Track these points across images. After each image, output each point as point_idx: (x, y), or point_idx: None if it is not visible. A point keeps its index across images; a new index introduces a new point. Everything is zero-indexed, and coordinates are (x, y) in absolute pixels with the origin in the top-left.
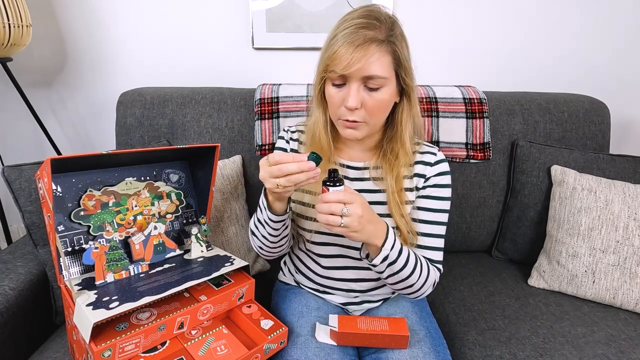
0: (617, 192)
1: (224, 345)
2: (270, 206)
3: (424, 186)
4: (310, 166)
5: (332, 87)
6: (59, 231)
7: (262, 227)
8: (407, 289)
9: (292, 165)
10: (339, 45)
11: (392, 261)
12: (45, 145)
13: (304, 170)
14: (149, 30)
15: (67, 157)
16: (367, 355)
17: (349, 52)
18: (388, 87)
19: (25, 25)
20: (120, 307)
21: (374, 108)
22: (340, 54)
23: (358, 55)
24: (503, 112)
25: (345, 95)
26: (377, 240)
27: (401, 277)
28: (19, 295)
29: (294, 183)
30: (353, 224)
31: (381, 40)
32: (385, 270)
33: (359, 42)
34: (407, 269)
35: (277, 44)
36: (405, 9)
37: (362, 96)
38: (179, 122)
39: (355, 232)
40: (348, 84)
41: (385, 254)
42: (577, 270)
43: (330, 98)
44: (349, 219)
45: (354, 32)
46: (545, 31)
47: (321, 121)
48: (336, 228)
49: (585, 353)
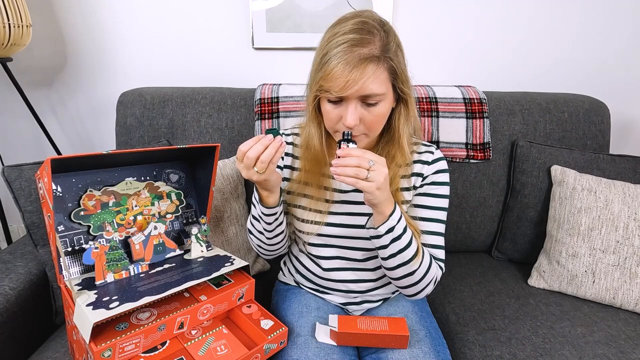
0: (617, 192)
1: (224, 345)
2: (262, 199)
3: (421, 184)
4: (269, 138)
5: (328, 104)
6: (59, 231)
7: (257, 223)
8: (408, 277)
9: (257, 145)
10: (333, 65)
11: (396, 236)
12: (45, 145)
13: (266, 145)
14: (149, 31)
15: (67, 157)
16: (367, 355)
17: (345, 74)
18: (386, 100)
19: (25, 25)
20: (120, 307)
21: (372, 122)
22: (336, 75)
23: (355, 76)
24: (503, 112)
25: (343, 112)
26: (388, 207)
27: (403, 260)
28: (19, 295)
29: (268, 160)
30: (380, 178)
31: (377, 57)
32: (389, 245)
33: (355, 63)
34: (410, 250)
35: (277, 44)
36: (405, 9)
37: (361, 112)
38: (179, 122)
39: (378, 190)
40: (345, 102)
41: (392, 224)
42: (577, 270)
43: (327, 114)
44: (375, 174)
45: (347, 50)
46: (545, 31)
47: (316, 136)
48: (361, 182)
49: (585, 353)
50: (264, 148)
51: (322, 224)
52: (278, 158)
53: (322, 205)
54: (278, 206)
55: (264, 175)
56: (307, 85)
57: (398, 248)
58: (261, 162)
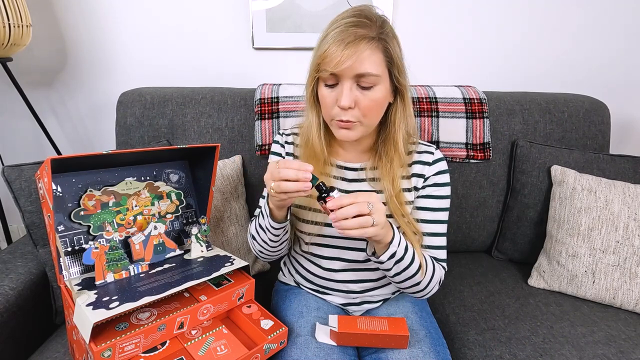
0: (617, 192)
1: (224, 345)
2: (271, 213)
3: (423, 186)
4: (306, 176)
5: (324, 88)
6: (59, 231)
7: (263, 233)
8: (414, 287)
9: (291, 171)
10: (330, 43)
11: (399, 258)
12: (45, 145)
13: (300, 179)
14: (149, 30)
15: (67, 157)
16: (367, 355)
17: (340, 49)
18: (381, 85)
19: (25, 25)
20: (120, 307)
21: (367, 107)
22: (331, 52)
23: (349, 52)
24: (503, 112)
25: (338, 95)
26: (388, 236)
27: (408, 275)
28: (19, 295)
29: (284, 190)
30: (382, 219)
31: (372, 37)
32: (393, 267)
33: (350, 40)
34: (414, 266)
35: (277, 44)
36: (405, 9)
37: (356, 95)
38: (179, 122)
39: (382, 229)
40: (340, 83)
41: (393, 250)
42: (577, 271)
43: (323, 99)
44: (377, 216)
45: (344, 30)
46: (545, 31)
47: (314, 124)
48: (369, 231)
49: (585, 353)
50: (295, 179)
51: (323, 224)
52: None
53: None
54: (286, 221)
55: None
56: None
57: (402, 267)
58: (278, 186)
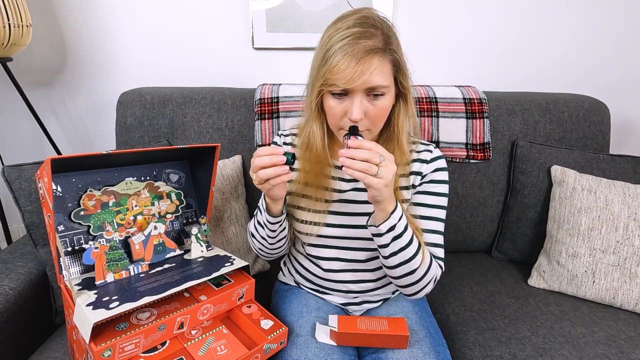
0: (617, 192)
1: (224, 345)
2: (267, 207)
3: (421, 182)
4: (281, 159)
5: (332, 99)
6: (59, 231)
7: (261, 229)
8: (408, 275)
9: (265, 159)
10: (339, 58)
11: (397, 234)
12: (45, 145)
13: (274, 163)
14: (149, 30)
15: (67, 157)
16: (367, 355)
17: (351, 65)
18: (389, 94)
19: (25, 25)
20: (120, 307)
21: (376, 116)
22: (342, 67)
23: (361, 68)
24: (503, 112)
25: (348, 107)
26: (390, 205)
27: (404, 258)
28: (19, 295)
29: (263, 178)
30: (388, 176)
31: (381, 49)
32: (390, 244)
33: (361, 55)
34: (411, 249)
35: (277, 44)
36: (405, 9)
37: (365, 106)
38: (179, 122)
39: (386, 187)
40: (350, 95)
41: (393, 222)
42: (577, 271)
43: (330, 110)
44: (384, 170)
45: (352, 43)
46: (545, 31)
47: (319, 134)
48: (369, 178)
49: (585, 353)
50: (271, 164)
51: (322, 224)
52: (278, 182)
53: (321, 206)
54: (282, 215)
55: (259, 186)
56: (307, 85)
57: (399, 246)
58: (257, 176)
